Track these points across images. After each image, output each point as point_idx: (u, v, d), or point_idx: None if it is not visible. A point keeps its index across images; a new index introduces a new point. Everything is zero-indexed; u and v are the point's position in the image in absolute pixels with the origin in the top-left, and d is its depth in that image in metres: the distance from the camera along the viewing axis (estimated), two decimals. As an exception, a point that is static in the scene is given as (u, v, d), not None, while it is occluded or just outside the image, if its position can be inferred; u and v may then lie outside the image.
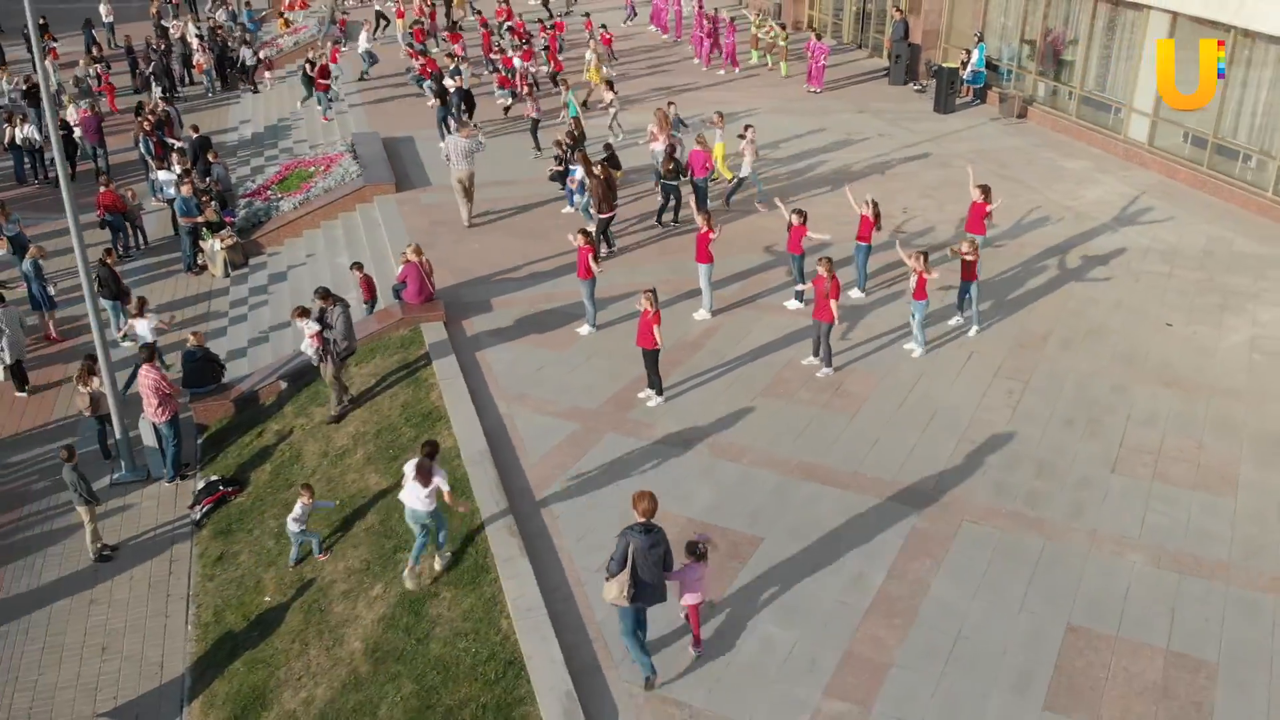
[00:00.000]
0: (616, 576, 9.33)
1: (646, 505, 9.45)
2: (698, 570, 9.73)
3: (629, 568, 9.27)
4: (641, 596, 9.37)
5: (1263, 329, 16.10)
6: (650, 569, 9.32)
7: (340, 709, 10.45)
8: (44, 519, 14.73)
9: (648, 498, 9.49)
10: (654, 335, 13.63)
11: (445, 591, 11.22)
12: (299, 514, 12.36)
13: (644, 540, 9.31)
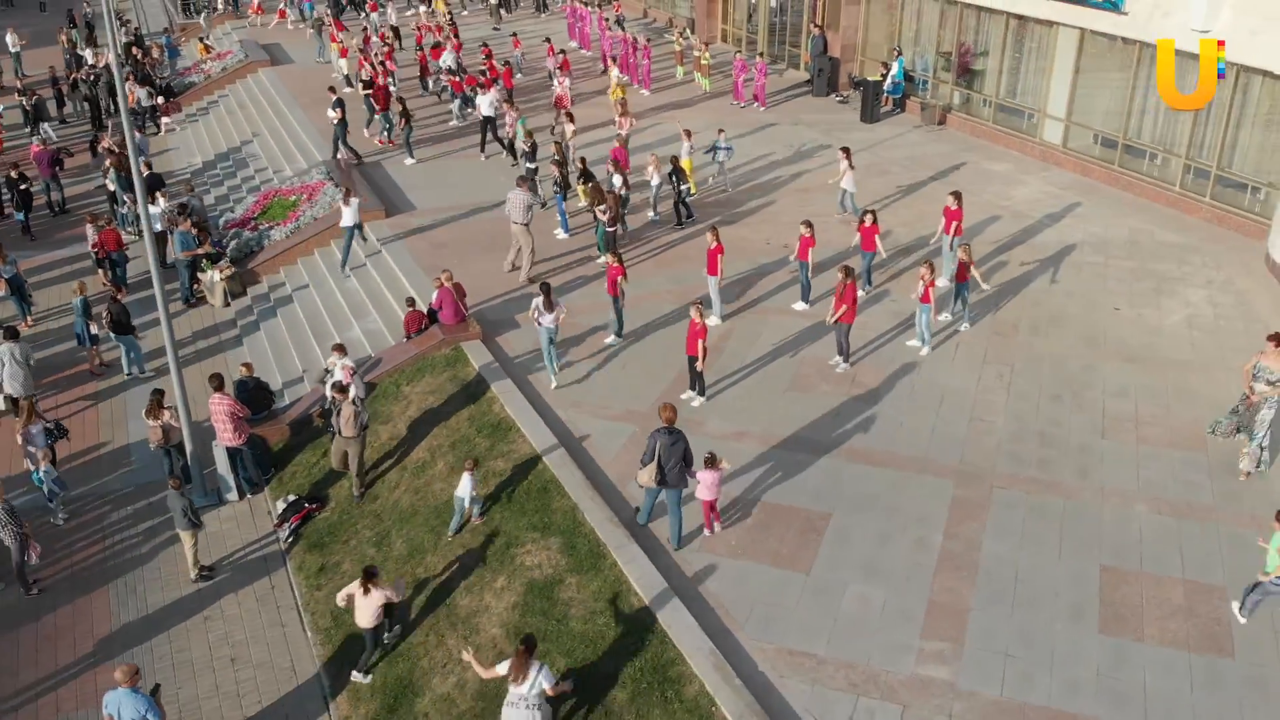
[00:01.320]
0: (647, 466, 12.44)
1: (669, 414, 12.66)
2: (711, 475, 12.54)
3: (656, 460, 12.17)
4: (666, 481, 12.25)
5: (1195, 309, 18.67)
6: (672, 461, 12.20)
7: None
8: (129, 547, 15.56)
9: (670, 408, 12.73)
10: (700, 343, 15.31)
11: (569, 578, 12.70)
12: (468, 486, 13.63)
13: (667, 439, 12.34)
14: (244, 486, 16.30)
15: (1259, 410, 13.73)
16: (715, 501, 12.95)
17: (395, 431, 16.39)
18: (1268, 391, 13.65)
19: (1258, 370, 13.82)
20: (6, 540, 14.17)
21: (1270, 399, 13.64)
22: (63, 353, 20.79)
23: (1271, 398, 13.64)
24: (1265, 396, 13.65)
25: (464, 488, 13.77)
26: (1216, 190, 22.14)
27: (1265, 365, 13.72)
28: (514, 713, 10.34)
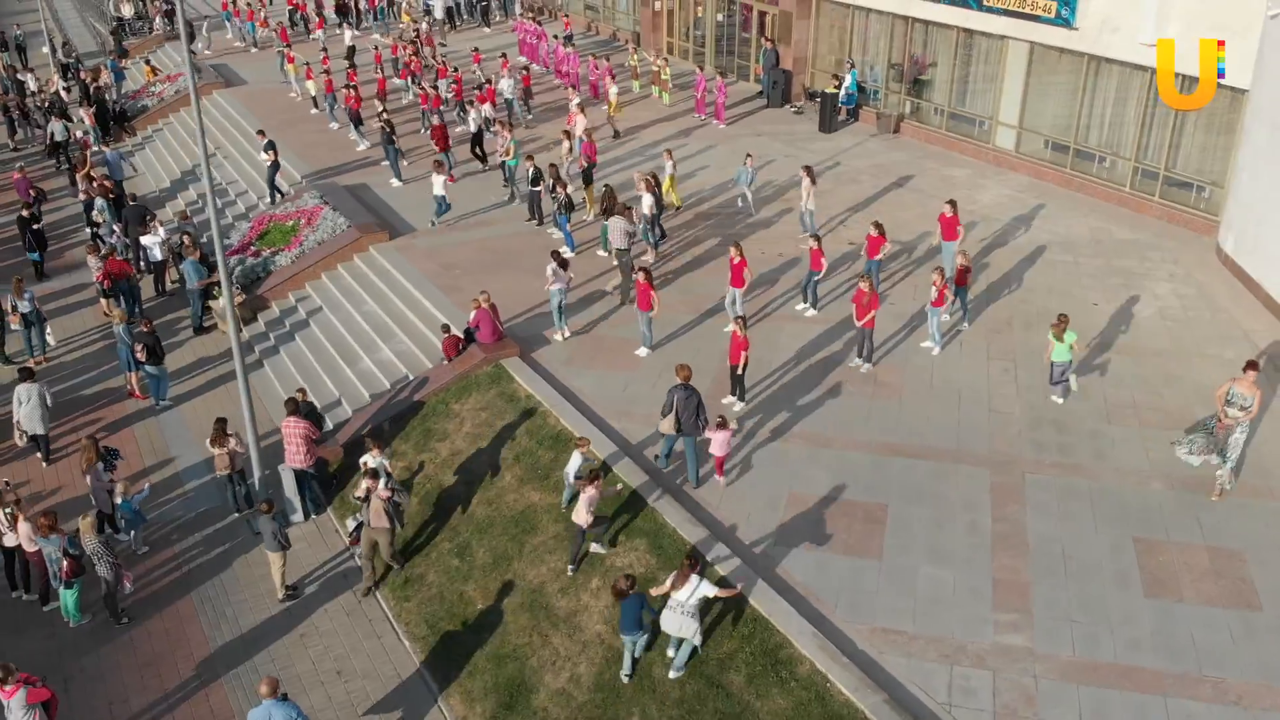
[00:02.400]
0: (666, 417, 14.86)
1: (685, 373, 15.03)
2: (722, 435, 14.71)
3: (674, 411, 14.66)
4: (682, 430, 14.79)
5: (1163, 300, 20.51)
6: (687, 412, 14.65)
7: (614, 678, 12.89)
8: (206, 571, 16.15)
9: (685, 368, 15.11)
10: (743, 354, 16.52)
11: (663, 576, 13.72)
12: (577, 465, 14.65)
13: (683, 394, 14.73)
14: (309, 508, 16.95)
15: (1231, 434, 14.37)
16: (725, 457, 15.08)
17: (454, 447, 17.21)
18: (1240, 416, 14.28)
19: (1231, 395, 14.36)
20: (102, 571, 14.64)
21: (1242, 424, 14.48)
22: (79, 384, 21.03)
23: (1244, 422, 14.53)
24: (1237, 421, 14.33)
25: (573, 465, 14.74)
26: (1165, 190, 24.11)
27: (1238, 391, 14.32)
28: (671, 615, 12.13)
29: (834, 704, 11.70)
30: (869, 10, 30.55)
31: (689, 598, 11.97)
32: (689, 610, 11.99)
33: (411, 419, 18.10)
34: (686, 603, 11.97)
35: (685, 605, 11.98)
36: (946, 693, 11.85)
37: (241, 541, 16.69)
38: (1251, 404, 14.32)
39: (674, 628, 12.21)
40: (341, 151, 29.93)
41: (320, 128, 32.03)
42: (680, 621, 12.08)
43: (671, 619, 12.13)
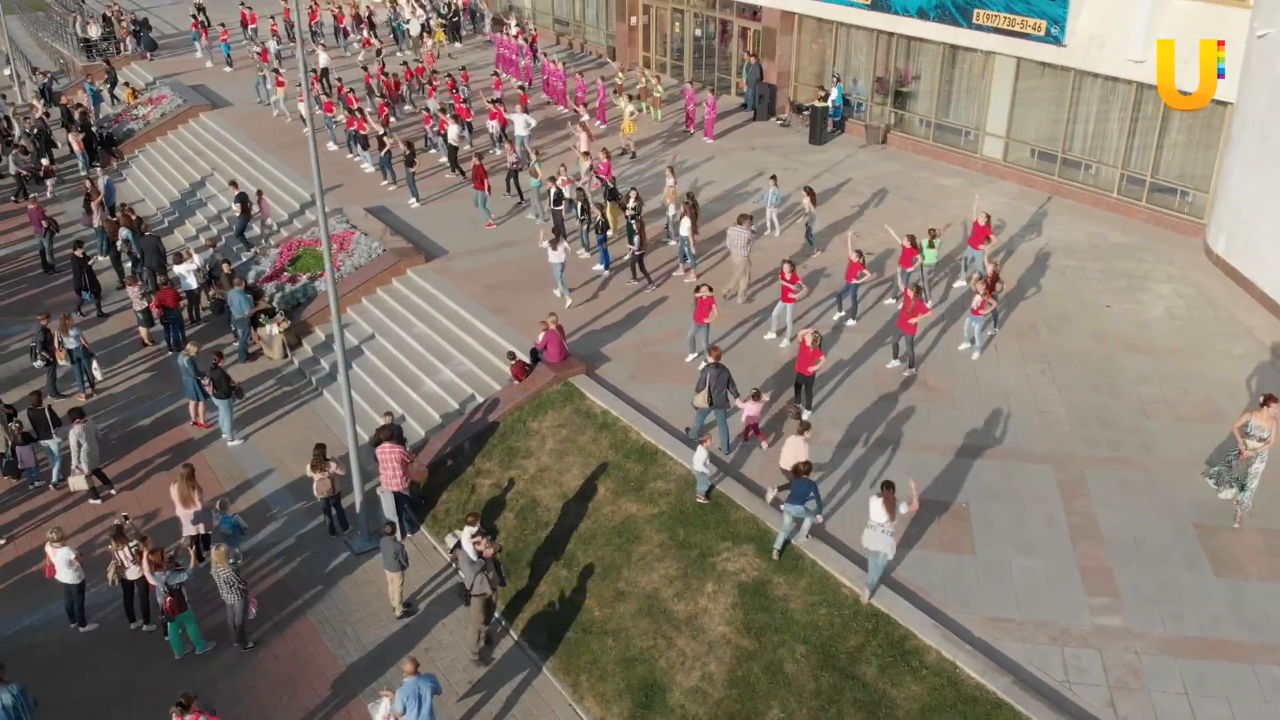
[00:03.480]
0: (700, 393, 16.88)
1: (716, 354, 17.18)
2: (755, 405, 16.93)
3: (707, 388, 16.63)
4: (714, 403, 16.76)
5: (1167, 300, 22.15)
6: (718, 388, 16.71)
7: (747, 674, 13.92)
8: (316, 594, 16.79)
9: (716, 350, 17.30)
10: (813, 364, 17.66)
11: (775, 578, 14.84)
12: (703, 457, 15.64)
13: (715, 372, 16.78)
14: (405, 527, 17.66)
15: (1251, 463, 15.10)
16: (759, 424, 17.28)
17: (541, 464, 18.05)
18: (1259, 447, 14.97)
19: (1249, 428, 15.03)
20: (230, 599, 15.22)
21: (1261, 454, 15.07)
22: (134, 416, 21.40)
23: (1262, 452, 15.05)
24: (1256, 452, 15.05)
25: (699, 461, 15.80)
26: (1150, 194, 25.85)
27: (1256, 423, 15.00)
28: (873, 534, 13.93)
29: (966, 687, 12.89)
30: (852, 26, 31.85)
31: (889, 520, 13.72)
32: (889, 530, 13.77)
33: (490, 438, 18.87)
34: (887, 525, 13.73)
35: (886, 527, 13.73)
36: (1063, 671, 13.12)
37: (343, 563, 17.35)
38: (1269, 435, 15.16)
39: (876, 544, 13.89)
40: (350, 173, 30.39)
41: (320, 148, 32.28)
42: (882, 540, 13.81)
43: (873, 536, 13.90)
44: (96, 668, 15.35)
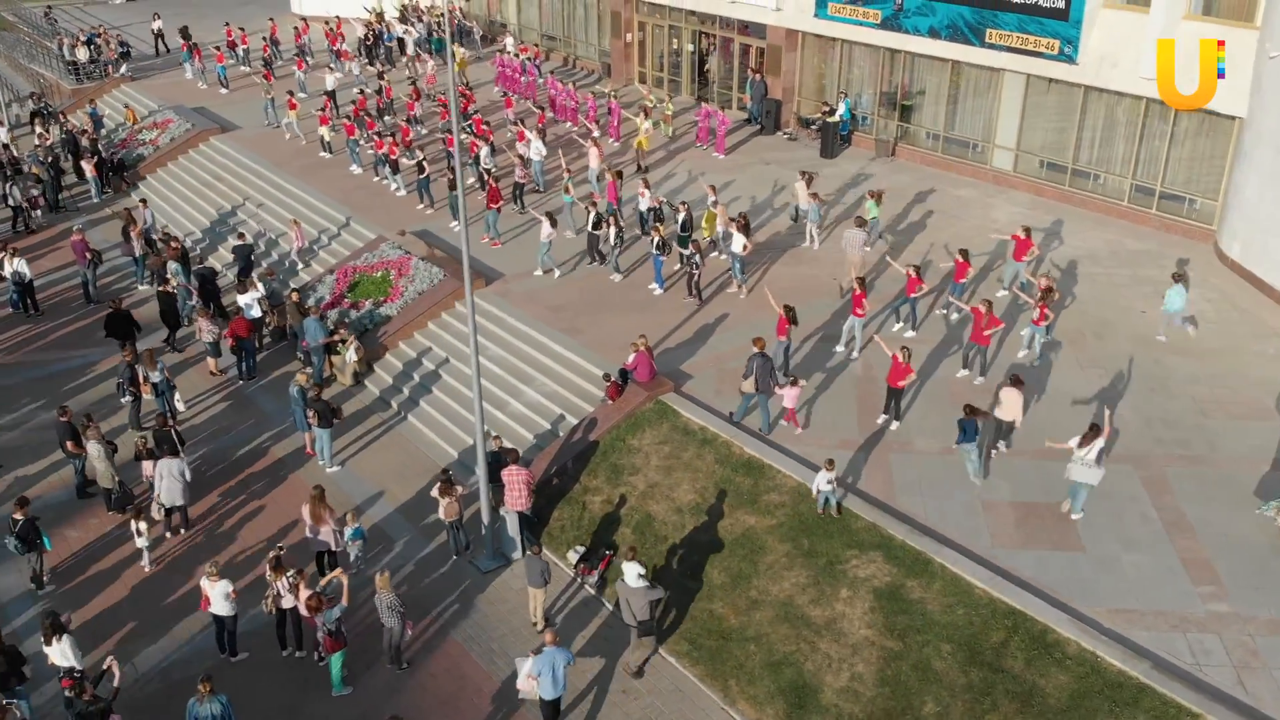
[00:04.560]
0: (747, 379, 18.75)
1: (761, 344, 18.91)
2: (793, 390, 18.78)
3: (754, 375, 18.45)
4: (759, 389, 18.71)
5: (1194, 305, 23.65)
6: (763, 375, 18.61)
7: (897, 673, 15.01)
8: (454, 614, 17.52)
9: (761, 340, 19.01)
10: (905, 378, 18.85)
11: (909, 582, 15.95)
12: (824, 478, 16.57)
13: (760, 360, 18.74)
14: (525, 545, 18.45)
15: None
16: (795, 409, 19.07)
17: (650, 480, 18.95)
18: None
19: None
20: (391, 622, 15.91)
21: None
22: (222, 446, 21.88)
23: None
24: None
25: (821, 481, 16.74)
26: (1160, 203, 27.53)
27: None
28: (1076, 468, 16.37)
29: (1109, 674, 14.13)
30: (857, 44, 33.15)
31: (1089, 453, 16.18)
32: (1089, 461, 16.20)
33: (592, 457, 19.70)
34: (1086, 456, 16.17)
35: (1086, 459, 16.17)
36: (1190, 655, 14.44)
37: (474, 582, 18.08)
38: None
39: (1081, 476, 16.39)
40: (380, 197, 30.85)
41: (343, 171, 32.78)
42: (1086, 471, 16.32)
43: (1077, 470, 16.34)
44: (258, 697, 15.86)
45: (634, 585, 15.39)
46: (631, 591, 15.39)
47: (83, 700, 13.78)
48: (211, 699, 14.04)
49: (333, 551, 17.85)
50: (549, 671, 14.45)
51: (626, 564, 15.58)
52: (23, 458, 21.57)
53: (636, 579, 15.43)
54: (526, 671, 14.65)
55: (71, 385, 23.88)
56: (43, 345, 25.94)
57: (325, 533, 17.65)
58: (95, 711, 13.74)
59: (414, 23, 44.87)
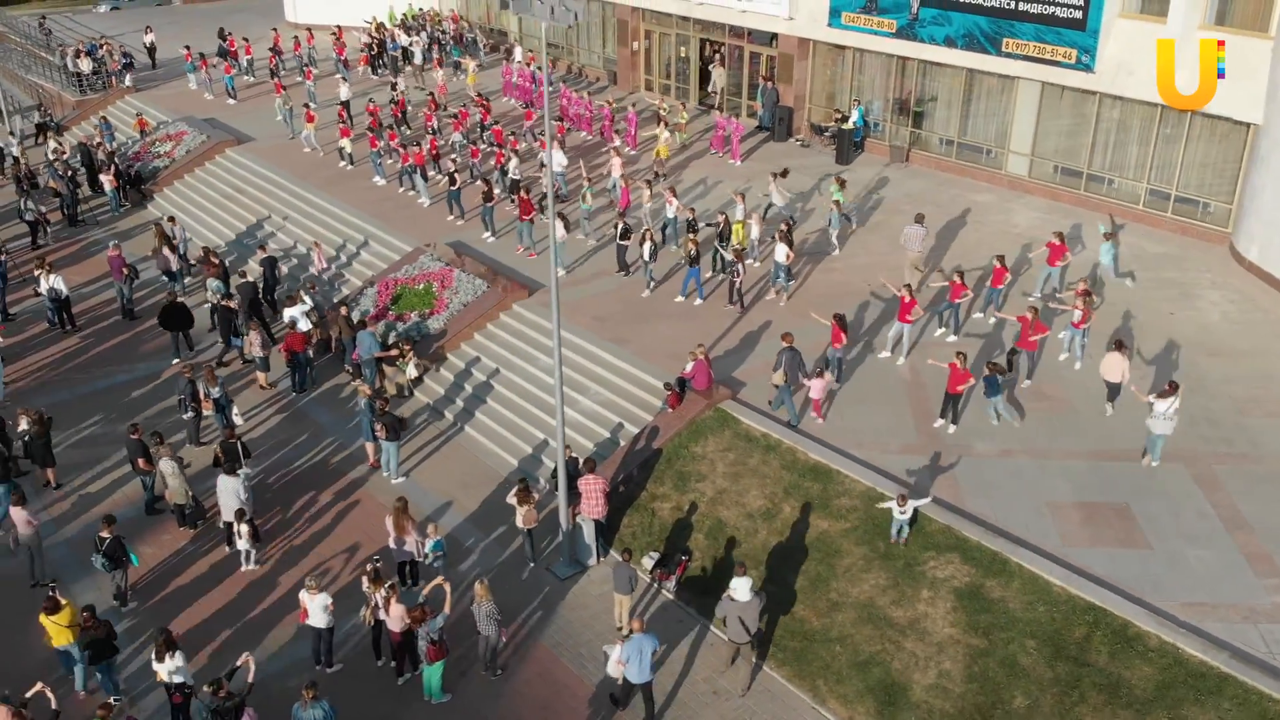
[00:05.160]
0: (777, 372, 19.98)
1: (789, 339, 20.14)
2: (820, 382, 19.86)
3: (783, 368, 19.74)
4: (788, 380, 19.90)
5: (1218, 305, 24.58)
6: (792, 368, 19.86)
7: (984, 669, 15.62)
8: (538, 621, 17.94)
9: (790, 337, 20.24)
10: (964, 384, 19.49)
11: (988, 581, 16.57)
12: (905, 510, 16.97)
13: (789, 354, 19.95)
14: (599, 551, 18.93)
15: None
16: (821, 399, 20.17)
17: (718, 486, 19.47)
18: None
19: None
20: (489, 630, 16.32)
21: None
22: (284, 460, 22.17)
23: None
24: None
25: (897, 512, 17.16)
26: (1175, 206, 28.41)
27: None
28: (1157, 421, 18.24)
29: (1191, 665, 14.83)
30: (869, 52, 33.84)
31: (1168, 408, 18.06)
32: (1168, 415, 18.07)
33: (656, 465, 20.19)
34: (1166, 411, 18.04)
35: (1166, 414, 18.07)
36: (1264, 644, 15.17)
37: (552, 589, 18.51)
38: None
39: (1159, 428, 18.30)
40: (408, 208, 31.15)
41: (365, 183, 33.02)
42: (1164, 423, 18.24)
43: (1157, 423, 18.28)
44: (356, 706, 16.17)
45: (747, 599, 15.76)
46: (744, 607, 15.74)
47: (218, 697, 14.25)
48: (315, 704, 14.42)
49: (414, 562, 18.18)
50: (637, 656, 15.12)
51: (738, 579, 15.87)
52: (83, 474, 21.70)
53: (749, 593, 15.80)
54: (616, 657, 15.36)
55: (124, 401, 23.99)
56: (84, 361, 26.00)
57: (409, 543, 18.00)
58: (231, 707, 14.15)
59: (418, 32, 45.02)
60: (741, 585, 15.78)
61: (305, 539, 19.85)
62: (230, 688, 14.40)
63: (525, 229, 27.59)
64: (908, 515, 17.18)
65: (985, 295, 23.93)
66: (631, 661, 15.17)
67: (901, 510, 17.15)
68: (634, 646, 15.15)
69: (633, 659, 15.15)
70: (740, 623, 15.76)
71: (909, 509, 17.10)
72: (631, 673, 15.30)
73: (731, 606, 15.81)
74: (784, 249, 24.58)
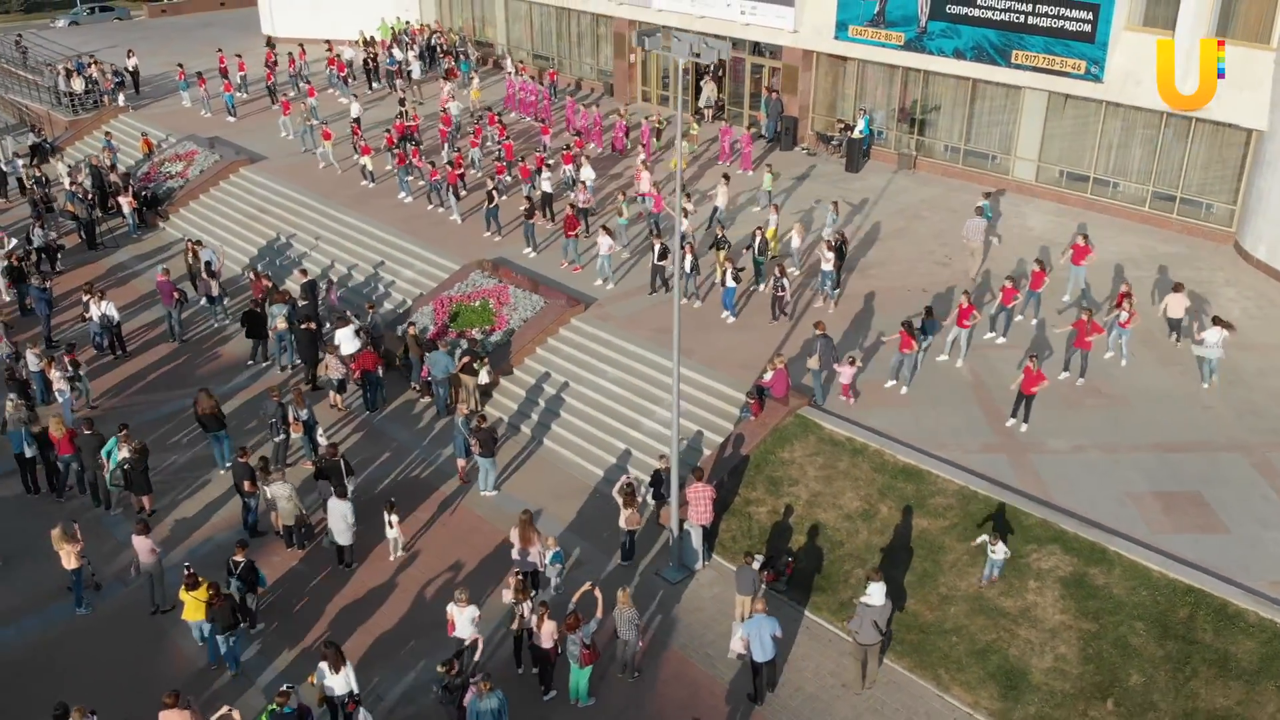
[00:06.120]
0: (812, 358, 21.51)
1: (822, 327, 22.06)
2: (849, 369, 21.54)
3: (819, 354, 21.39)
4: (821, 366, 21.63)
5: (1236, 302, 26.20)
6: (825, 354, 21.58)
7: (1098, 651, 16.83)
8: (664, 625, 18.77)
9: (823, 325, 22.21)
10: (1038, 385, 20.75)
11: (1090, 570, 17.79)
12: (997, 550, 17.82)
13: (824, 341, 21.77)
14: (707, 555, 19.83)
15: None
16: (850, 384, 21.93)
17: (811, 490, 20.47)
18: None
19: None
20: (630, 635, 17.12)
21: None
22: (373, 480, 22.68)
23: None
24: None
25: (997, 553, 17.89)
26: (1180, 207, 30.11)
27: None
28: (1208, 349, 20.52)
29: (1291, 639, 16.22)
30: (873, 63, 35.13)
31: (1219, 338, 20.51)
32: (1215, 343, 20.72)
33: (746, 471, 21.14)
34: (1218, 341, 20.50)
35: (1218, 343, 20.56)
36: (1351, 618, 16.61)
37: (666, 594, 19.36)
38: None
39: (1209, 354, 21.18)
40: (441, 225, 31.59)
41: (391, 201, 33.43)
42: (1213, 350, 21.04)
43: (1210, 350, 20.97)
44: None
45: (881, 603, 16.74)
46: (879, 610, 16.72)
47: (451, 675, 15.50)
48: (491, 695, 15.22)
49: (536, 571, 18.89)
50: (757, 635, 16.28)
51: (873, 584, 16.80)
52: (173, 499, 22.00)
53: (883, 597, 16.77)
54: (740, 635, 16.63)
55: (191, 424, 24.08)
56: (142, 387, 26.17)
57: (533, 554, 18.71)
58: (460, 684, 15.53)
59: (410, 46, 45.33)
60: (877, 590, 16.74)
61: (413, 554, 20.40)
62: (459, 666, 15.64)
63: (570, 244, 28.30)
64: (999, 557, 17.70)
65: (1024, 297, 25.14)
66: (753, 639, 16.34)
67: (993, 549, 17.72)
68: (755, 625, 16.34)
69: (754, 637, 16.32)
70: (874, 625, 16.73)
71: (1000, 550, 17.65)
72: (755, 651, 16.42)
73: (867, 611, 16.75)
74: (834, 257, 25.64)
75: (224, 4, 63.99)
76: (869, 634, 16.85)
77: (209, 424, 22.42)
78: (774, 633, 16.46)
